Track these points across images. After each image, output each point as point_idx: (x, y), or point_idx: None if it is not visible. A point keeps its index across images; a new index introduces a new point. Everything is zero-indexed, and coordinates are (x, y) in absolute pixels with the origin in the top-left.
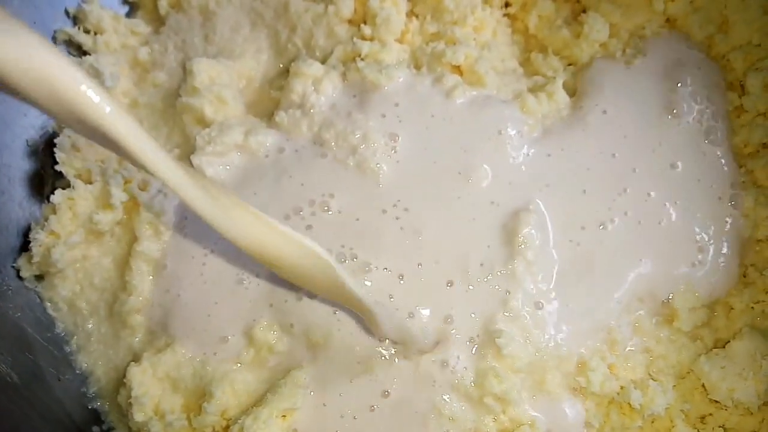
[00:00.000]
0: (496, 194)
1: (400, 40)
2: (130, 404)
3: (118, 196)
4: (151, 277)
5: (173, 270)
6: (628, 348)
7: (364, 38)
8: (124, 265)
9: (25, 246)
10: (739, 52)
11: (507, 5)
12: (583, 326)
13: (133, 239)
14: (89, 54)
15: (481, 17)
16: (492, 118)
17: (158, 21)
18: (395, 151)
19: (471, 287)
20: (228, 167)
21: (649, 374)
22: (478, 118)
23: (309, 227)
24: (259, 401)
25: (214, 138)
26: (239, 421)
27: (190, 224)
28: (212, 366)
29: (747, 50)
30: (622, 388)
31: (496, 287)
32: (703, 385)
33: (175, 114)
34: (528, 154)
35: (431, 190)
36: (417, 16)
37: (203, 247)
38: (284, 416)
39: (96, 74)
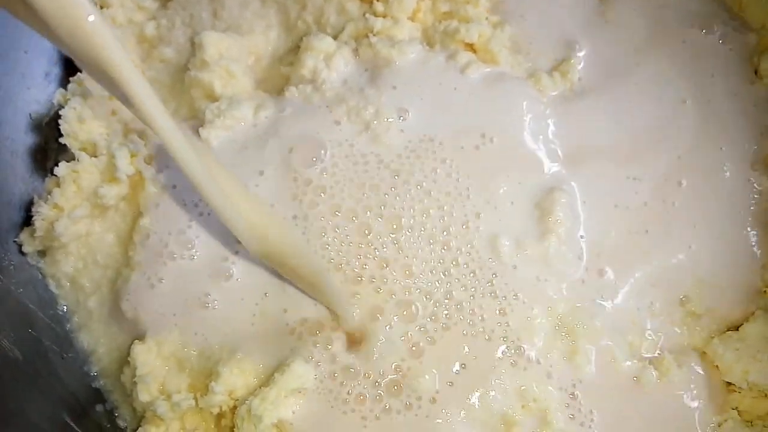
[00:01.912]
0: (519, 171)
1: (411, 19)
2: (135, 384)
3: (124, 169)
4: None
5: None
6: (644, 328)
7: (376, 15)
8: (127, 241)
9: (27, 221)
10: (753, 36)
11: None
12: (604, 304)
13: (138, 215)
14: None
15: None
16: (509, 93)
17: None
18: (409, 126)
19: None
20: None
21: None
22: (494, 94)
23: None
24: (266, 381)
25: (223, 111)
26: (247, 402)
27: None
28: (219, 345)
29: (762, 34)
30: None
31: (526, 266)
32: (716, 367)
33: (183, 89)
34: (549, 129)
35: (450, 166)
36: None
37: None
38: (293, 396)
39: None
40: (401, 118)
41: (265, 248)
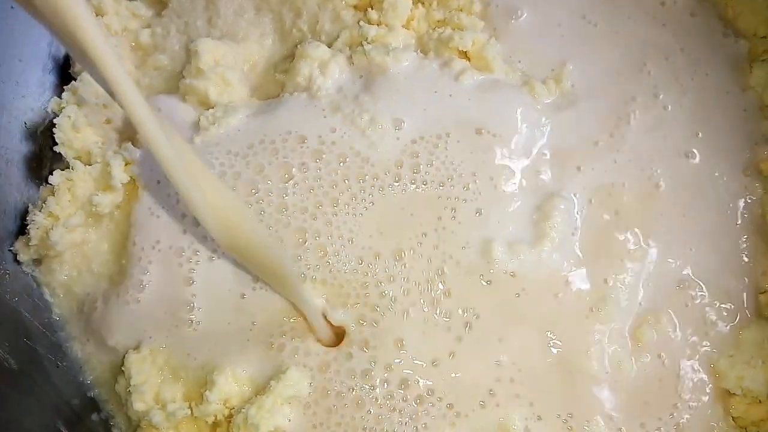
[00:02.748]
0: (516, 178)
1: (405, 27)
2: (129, 393)
3: (119, 177)
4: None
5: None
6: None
7: (370, 23)
8: (122, 249)
9: (22, 230)
10: (745, 44)
11: None
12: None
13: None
14: None
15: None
16: (504, 101)
17: (160, 4)
18: (404, 133)
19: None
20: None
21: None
22: (489, 101)
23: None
24: (262, 390)
25: (218, 119)
26: (243, 411)
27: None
28: (213, 354)
29: (753, 42)
30: None
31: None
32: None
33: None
34: (544, 136)
35: (445, 171)
36: (423, 3)
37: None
38: (289, 404)
39: None
40: (396, 126)
41: (232, 240)
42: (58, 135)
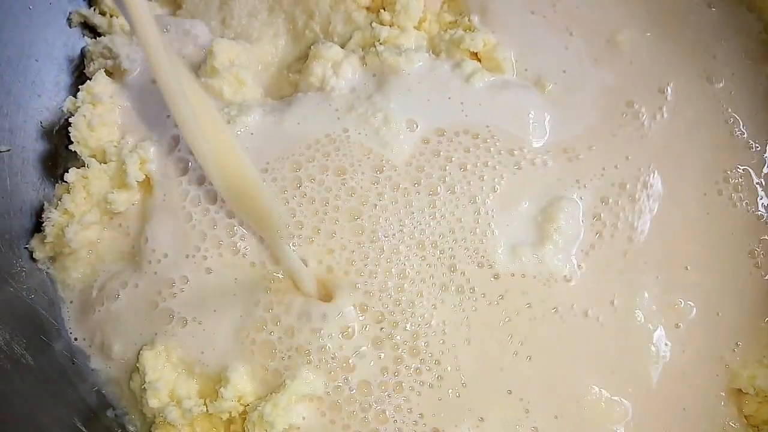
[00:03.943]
0: (525, 179)
1: (417, 28)
2: (144, 390)
3: (135, 175)
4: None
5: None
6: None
7: (382, 24)
8: (135, 248)
9: (38, 227)
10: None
11: None
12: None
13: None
14: (104, 36)
15: None
16: (515, 102)
17: (174, 4)
18: (417, 132)
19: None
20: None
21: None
22: (500, 102)
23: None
24: (278, 387)
25: (233, 117)
26: (258, 408)
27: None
28: (226, 351)
29: None
30: None
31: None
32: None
33: None
34: (555, 137)
35: (454, 172)
36: None
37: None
38: (304, 402)
39: (112, 55)
40: (409, 127)
41: (226, 181)
42: (74, 134)
